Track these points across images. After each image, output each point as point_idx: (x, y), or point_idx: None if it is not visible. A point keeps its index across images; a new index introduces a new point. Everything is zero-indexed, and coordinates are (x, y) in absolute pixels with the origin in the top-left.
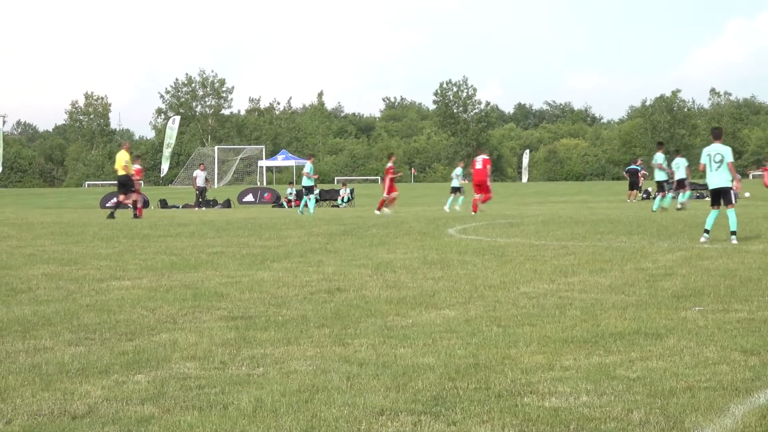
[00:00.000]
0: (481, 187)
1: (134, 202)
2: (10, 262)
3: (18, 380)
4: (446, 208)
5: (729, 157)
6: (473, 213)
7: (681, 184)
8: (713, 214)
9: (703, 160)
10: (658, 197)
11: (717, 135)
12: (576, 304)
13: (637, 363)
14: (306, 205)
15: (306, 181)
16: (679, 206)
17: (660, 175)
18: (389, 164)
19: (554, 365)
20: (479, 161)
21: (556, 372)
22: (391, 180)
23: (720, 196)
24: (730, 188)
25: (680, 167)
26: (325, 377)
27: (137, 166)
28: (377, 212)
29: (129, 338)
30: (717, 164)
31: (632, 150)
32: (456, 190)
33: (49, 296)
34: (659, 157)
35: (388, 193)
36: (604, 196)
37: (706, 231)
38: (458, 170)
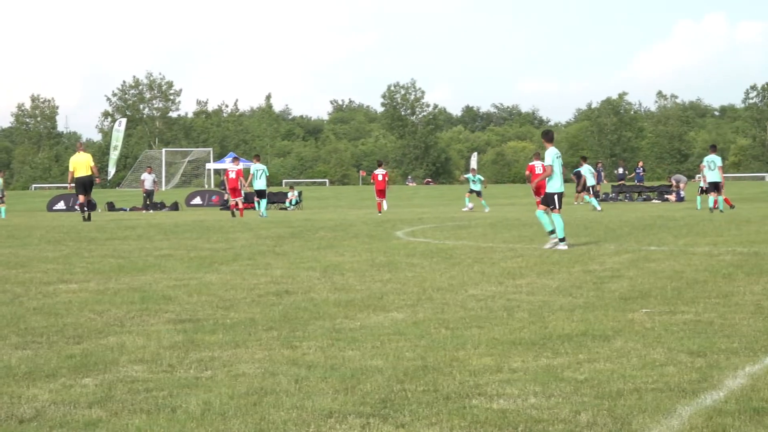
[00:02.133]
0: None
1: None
2: None
3: None
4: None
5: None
6: None
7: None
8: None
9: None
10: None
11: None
12: (524, 307)
13: (584, 365)
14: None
15: (260, 184)
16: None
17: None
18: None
19: (502, 367)
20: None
21: (504, 374)
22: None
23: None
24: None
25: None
26: (274, 380)
27: (239, 167)
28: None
29: (76, 341)
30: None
31: (580, 152)
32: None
33: None
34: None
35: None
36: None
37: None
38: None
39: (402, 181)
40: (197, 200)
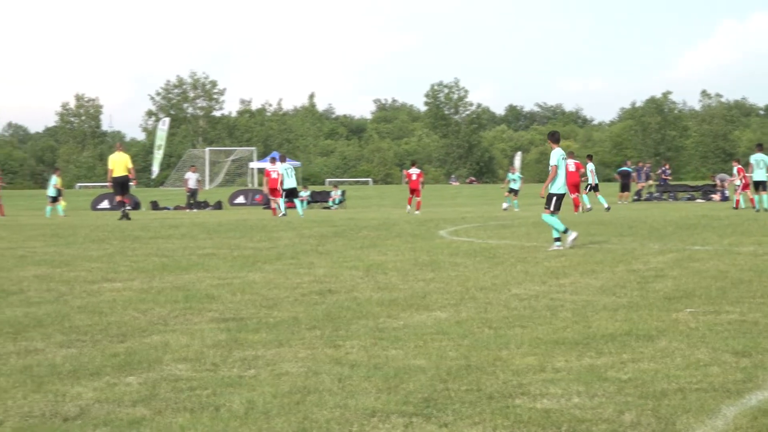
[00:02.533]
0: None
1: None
2: (1, 264)
3: (9, 382)
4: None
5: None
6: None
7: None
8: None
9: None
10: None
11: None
12: (567, 306)
13: (628, 365)
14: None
15: (291, 183)
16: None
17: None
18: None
19: (546, 367)
20: None
21: (548, 373)
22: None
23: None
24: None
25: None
26: (317, 379)
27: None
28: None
29: (120, 340)
30: None
31: (623, 152)
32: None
33: (40, 298)
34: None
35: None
36: (595, 197)
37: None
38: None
39: (445, 180)
40: (240, 199)
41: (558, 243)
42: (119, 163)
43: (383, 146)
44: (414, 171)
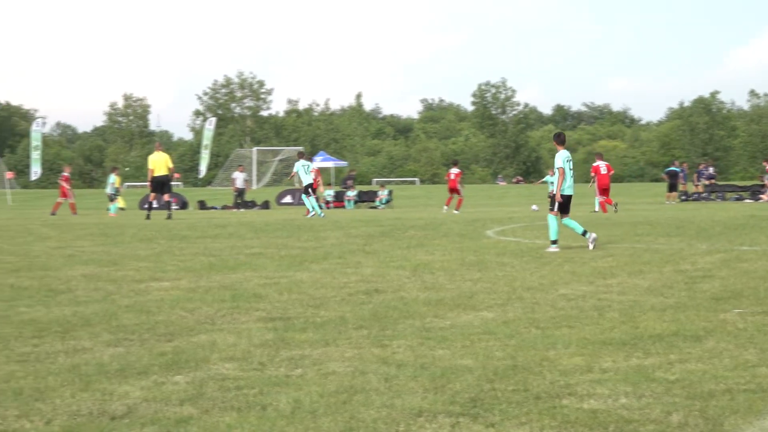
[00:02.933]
0: None
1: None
2: (50, 263)
3: (57, 381)
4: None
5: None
6: None
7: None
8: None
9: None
10: None
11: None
12: (615, 306)
13: (676, 365)
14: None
15: (308, 179)
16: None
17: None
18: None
19: (593, 367)
20: None
21: (595, 374)
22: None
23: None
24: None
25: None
26: (364, 378)
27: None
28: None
29: (168, 339)
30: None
31: (671, 152)
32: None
33: (88, 297)
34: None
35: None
36: (643, 197)
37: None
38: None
39: (492, 180)
40: (288, 199)
41: (555, 245)
42: (159, 163)
43: (430, 146)
44: (453, 171)
